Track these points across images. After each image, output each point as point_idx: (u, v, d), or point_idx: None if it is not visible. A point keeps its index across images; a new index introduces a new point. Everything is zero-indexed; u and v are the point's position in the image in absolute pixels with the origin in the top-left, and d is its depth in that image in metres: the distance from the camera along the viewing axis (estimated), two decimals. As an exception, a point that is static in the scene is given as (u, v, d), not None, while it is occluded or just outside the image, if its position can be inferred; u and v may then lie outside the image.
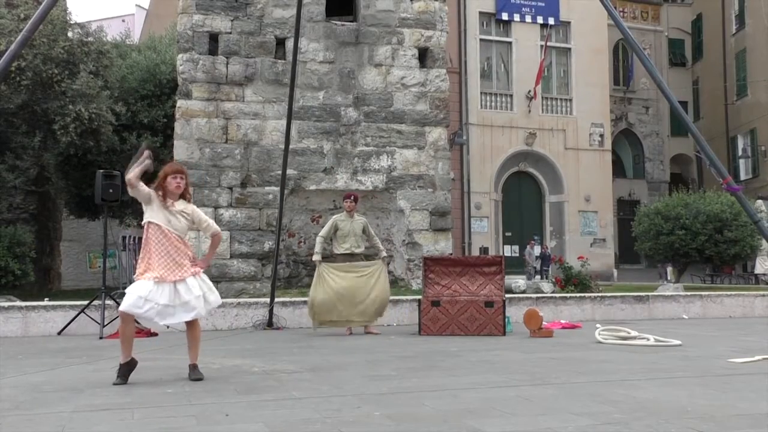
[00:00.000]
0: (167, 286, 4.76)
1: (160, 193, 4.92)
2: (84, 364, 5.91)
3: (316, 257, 8.54)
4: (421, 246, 13.22)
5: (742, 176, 26.36)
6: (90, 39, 13.70)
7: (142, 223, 4.99)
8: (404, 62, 13.54)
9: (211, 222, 5.27)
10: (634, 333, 7.36)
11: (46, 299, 10.00)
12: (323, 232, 8.75)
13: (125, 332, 4.86)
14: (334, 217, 8.93)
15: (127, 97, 15.27)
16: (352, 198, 8.79)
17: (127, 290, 4.86)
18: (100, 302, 8.55)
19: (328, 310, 8.31)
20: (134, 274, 5.00)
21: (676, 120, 26.13)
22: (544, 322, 8.11)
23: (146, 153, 4.90)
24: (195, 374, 4.90)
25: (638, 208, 20.96)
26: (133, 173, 4.82)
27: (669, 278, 20.52)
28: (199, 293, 4.85)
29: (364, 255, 8.85)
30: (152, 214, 4.91)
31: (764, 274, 18.93)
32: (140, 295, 4.70)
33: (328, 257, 8.85)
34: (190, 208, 5.09)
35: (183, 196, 5.05)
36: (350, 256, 8.59)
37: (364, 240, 8.73)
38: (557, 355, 6.19)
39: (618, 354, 6.26)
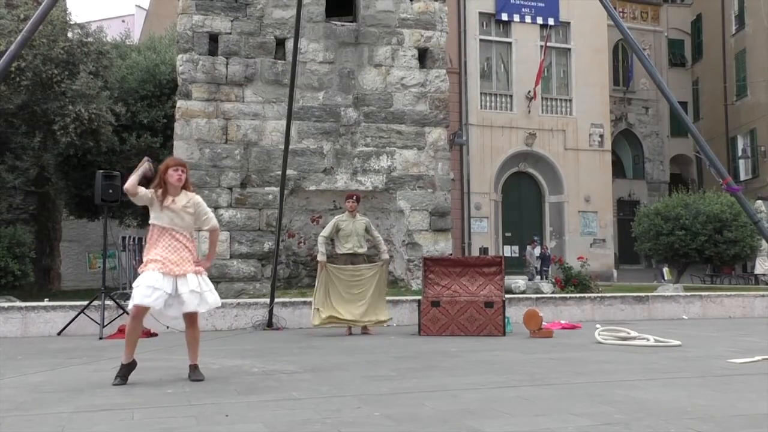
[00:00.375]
0: (171, 278, 4.77)
1: (160, 190, 4.92)
2: (84, 364, 5.91)
3: (321, 257, 8.51)
4: (421, 246, 13.22)
5: (742, 176, 26.35)
6: (90, 39, 13.69)
7: (150, 222, 4.99)
8: (404, 62, 13.55)
9: (212, 216, 5.19)
10: (633, 333, 7.36)
11: (45, 300, 10.00)
12: (325, 232, 8.74)
13: (133, 331, 4.83)
14: (336, 217, 8.92)
15: (127, 97, 15.27)
16: (354, 198, 8.78)
17: (134, 284, 4.85)
18: (99, 303, 8.55)
19: (331, 318, 8.37)
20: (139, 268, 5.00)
21: (676, 120, 26.13)
22: (543, 323, 8.11)
23: (145, 159, 4.93)
24: (195, 375, 4.90)
25: (638, 208, 20.97)
26: (129, 182, 4.84)
27: (665, 278, 20.57)
28: (194, 289, 4.83)
29: (366, 255, 8.85)
30: (155, 215, 4.92)
31: (764, 275, 18.94)
32: (148, 285, 4.71)
33: (330, 257, 8.85)
34: (193, 201, 5.02)
35: (184, 188, 5.04)
36: (352, 256, 8.59)
37: (366, 240, 8.72)
38: (557, 356, 6.19)
39: (618, 354, 6.26)
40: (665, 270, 21.23)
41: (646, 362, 5.68)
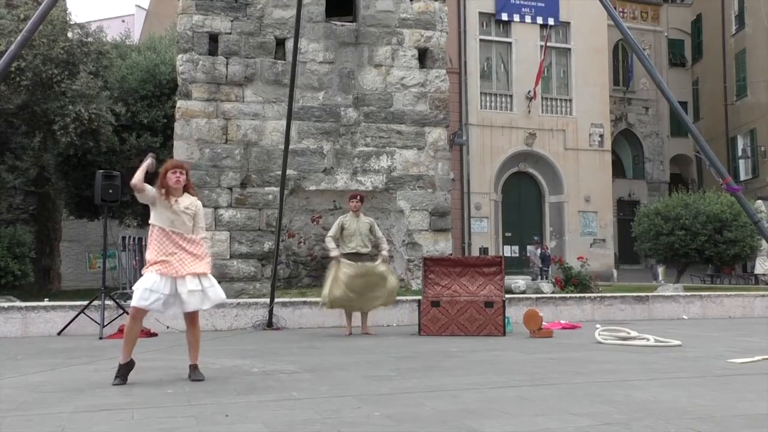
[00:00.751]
0: (169, 279, 4.79)
1: (163, 191, 4.93)
2: (84, 364, 5.91)
3: (334, 253, 8.46)
4: (421, 246, 13.21)
5: (742, 176, 26.35)
6: (90, 39, 13.69)
7: (150, 222, 4.99)
8: (404, 63, 13.55)
9: (203, 230, 5.15)
10: (633, 333, 7.36)
11: (45, 299, 10.00)
12: (331, 232, 8.72)
13: (131, 331, 4.85)
14: (340, 217, 8.94)
15: (127, 97, 15.27)
16: (357, 198, 8.80)
17: (134, 287, 4.88)
18: (99, 302, 8.55)
19: (341, 302, 8.44)
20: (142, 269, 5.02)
21: (676, 120, 26.11)
22: (543, 323, 8.11)
23: (149, 156, 4.94)
24: (195, 375, 4.90)
25: (638, 208, 20.97)
26: (135, 177, 4.86)
27: (659, 278, 20.57)
28: (193, 288, 4.83)
29: (370, 256, 8.86)
30: (156, 216, 4.92)
31: (764, 275, 18.95)
32: (146, 287, 4.75)
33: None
34: (195, 204, 5.07)
35: (186, 190, 5.05)
36: (356, 256, 8.57)
37: (370, 240, 8.71)
38: (557, 356, 6.19)
39: (618, 354, 6.26)
40: (659, 270, 21.26)
41: (646, 362, 5.68)
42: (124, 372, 4.77)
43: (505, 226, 23.55)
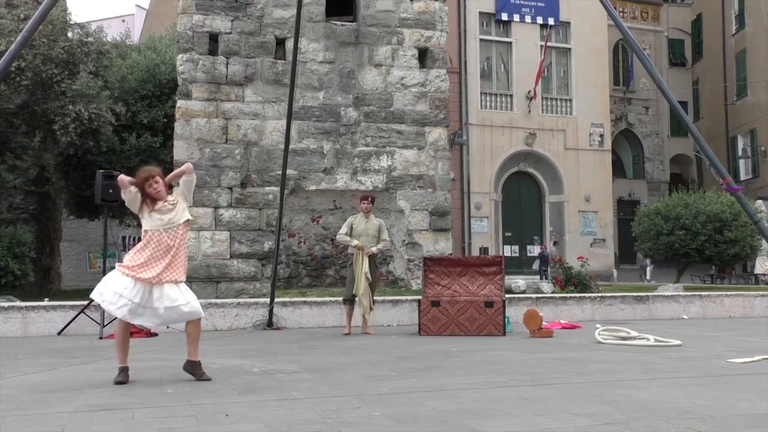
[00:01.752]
0: (143, 286, 4.71)
1: (148, 199, 4.89)
2: (84, 364, 5.91)
3: (355, 242, 8.42)
4: (421, 246, 13.22)
5: (742, 176, 26.35)
6: (90, 39, 13.70)
7: (143, 228, 4.97)
8: (404, 62, 13.54)
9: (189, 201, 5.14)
10: (634, 333, 7.37)
11: (46, 299, 10.02)
12: (343, 230, 8.68)
13: (121, 336, 4.83)
14: (350, 217, 8.95)
15: (127, 97, 15.27)
16: (369, 199, 8.79)
17: (103, 279, 4.77)
18: (100, 302, 8.54)
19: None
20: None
21: (676, 120, 26.13)
22: (544, 322, 8.11)
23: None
24: (199, 374, 4.86)
25: (638, 208, 20.98)
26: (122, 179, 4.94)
27: (648, 277, 20.55)
28: (170, 304, 4.75)
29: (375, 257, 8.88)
30: (146, 222, 4.90)
31: (764, 274, 18.96)
32: (116, 291, 4.68)
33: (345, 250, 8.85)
34: (176, 194, 5.03)
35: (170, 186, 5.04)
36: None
37: (377, 241, 8.68)
38: (557, 356, 6.19)
39: (618, 354, 6.26)
40: (649, 269, 21.25)
41: (646, 362, 5.68)
42: (125, 372, 4.77)
43: (506, 226, 23.56)
